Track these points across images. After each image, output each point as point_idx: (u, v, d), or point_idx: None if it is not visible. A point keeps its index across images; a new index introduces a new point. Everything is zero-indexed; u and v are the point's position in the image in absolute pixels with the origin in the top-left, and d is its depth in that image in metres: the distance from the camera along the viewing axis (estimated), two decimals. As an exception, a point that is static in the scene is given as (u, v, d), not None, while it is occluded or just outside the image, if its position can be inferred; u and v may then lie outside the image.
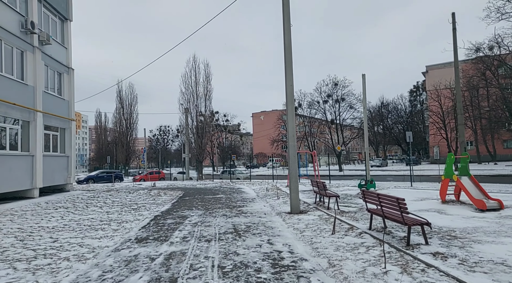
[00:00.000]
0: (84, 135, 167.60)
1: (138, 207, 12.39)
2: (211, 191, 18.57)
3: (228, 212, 10.56)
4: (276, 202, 12.86)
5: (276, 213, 10.34)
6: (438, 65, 56.05)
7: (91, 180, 35.39)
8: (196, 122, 36.64)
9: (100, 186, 27.87)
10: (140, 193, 18.03)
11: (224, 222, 8.85)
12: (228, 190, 19.23)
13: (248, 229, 7.85)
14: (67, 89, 18.95)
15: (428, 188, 16.74)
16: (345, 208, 11.01)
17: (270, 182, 23.96)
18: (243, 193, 17.12)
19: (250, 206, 12.06)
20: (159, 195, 17.14)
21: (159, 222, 9.20)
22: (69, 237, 7.41)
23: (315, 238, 6.74)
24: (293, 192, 10.33)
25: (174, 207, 12.23)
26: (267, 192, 16.97)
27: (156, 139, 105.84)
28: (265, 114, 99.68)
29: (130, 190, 20.10)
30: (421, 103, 77.48)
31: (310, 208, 11.00)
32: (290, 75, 10.54)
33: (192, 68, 36.46)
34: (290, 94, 10.53)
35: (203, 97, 36.52)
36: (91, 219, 9.82)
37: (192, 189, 20.88)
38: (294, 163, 10.42)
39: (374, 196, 7.01)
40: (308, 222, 8.51)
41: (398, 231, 7.09)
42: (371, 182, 15.80)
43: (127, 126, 61.56)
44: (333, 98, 47.18)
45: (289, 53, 10.53)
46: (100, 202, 13.84)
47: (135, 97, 61.53)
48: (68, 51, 19.21)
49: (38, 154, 15.59)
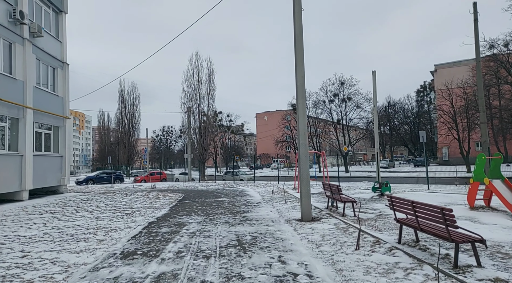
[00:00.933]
0: (88, 135, 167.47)
1: (132, 212, 11.27)
2: (213, 194, 17.43)
3: (231, 219, 9.41)
4: (283, 207, 11.69)
5: (285, 220, 9.16)
6: (447, 64, 54.72)
7: (91, 181, 34.42)
8: (199, 121, 35.58)
9: (99, 187, 26.84)
10: (138, 196, 16.94)
11: (226, 231, 7.70)
12: (231, 192, 18.09)
13: (254, 241, 6.69)
14: (61, 85, 17.91)
15: (447, 191, 15.50)
16: (361, 214, 9.83)
17: (275, 184, 22.79)
18: (247, 196, 15.96)
19: (255, 211, 10.90)
20: (157, 197, 16.03)
21: (152, 231, 8.07)
22: (43, 251, 6.30)
23: (336, 255, 5.56)
24: (304, 197, 9.16)
25: (171, 212, 11.10)
26: (273, 195, 15.80)
27: (159, 140, 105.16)
28: (269, 115, 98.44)
29: (128, 192, 19.02)
30: (428, 103, 76.01)
31: (322, 214, 9.82)
32: (301, 65, 9.38)
33: (195, 66, 35.44)
34: (301, 86, 9.37)
35: (206, 96, 35.46)
36: (77, 227, 8.71)
37: (193, 191, 19.76)
38: (305, 164, 9.26)
39: (407, 204, 5.83)
40: (323, 232, 7.33)
41: (433, 245, 5.90)
42: (386, 185, 14.58)
43: (129, 126, 60.75)
44: (339, 97, 45.96)
45: (300, 40, 9.38)
46: (92, 206, 12.75)
47: (137, 97, 60.71)
48: (63, 45, 18.17)
49: (28, 154, 14.54)
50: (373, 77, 24.45)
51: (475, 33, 15.42)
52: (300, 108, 9.36)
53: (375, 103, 24.92)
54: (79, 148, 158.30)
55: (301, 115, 9.35)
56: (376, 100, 24.83)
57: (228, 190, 19.92)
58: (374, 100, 24.75)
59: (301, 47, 9.39)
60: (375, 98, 24.58)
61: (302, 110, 9.36)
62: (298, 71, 9.38)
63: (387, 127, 72.64)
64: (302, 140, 9.30)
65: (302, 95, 9.38)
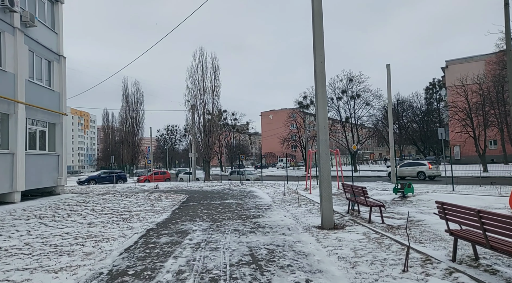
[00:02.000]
0: (93, 135, 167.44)
1: (130, 217, 10.13)
2: (219, 195, 16.26)
3: (241, 226, 8.21)
4: (298, 211, 10.47)
5: (303, 228, 7.95)
6: (459, 60, 53.12)
7: (93, 181, 33.50)
8: (203, 119, 34.45)
9: (100, 187, 25.83)
10: (139, 197, 15.82)
11: (236, 242, 6.51)
12: (239, 193, 16.90)
13: (272, 256, 5.49)
14: (57, 79, 16.85)
15: (475, 192, 14.16)
16: (388, 220, 8.60)
17: (284, 184, 21.57)
18: (256, 197, 14.76)
19: (267, 216, 9.70)
20: (159, 199, 14.90)
21: (150, 241, 6.90)
22: (15, 269, 5.16)
23: (381, 280, 4.33)
24: (325, 201, 7.93)
25: (173, 217, 9.94)
26: (284, 197, 14.58)
27: (163, 139, 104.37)
28: (274, 113, 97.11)
29: (129, 193, 17.92)
30: (437, 101, 74.25)
31: (345, 220, 8.59)
32: (321, 49, 8.15)
33: (199, 62, 34.27)
34: (320, 73, 8.14)
35: (210, 93, 34.30)
36: (64, 235, 7.58)
37: (198, 192, 18.60)
38: (326, 163, 8.03)
39: (469, 212, 4.57)
40: (354, 245, 6.11)
41: (501, 266, 4.67)
42: (408, 186, 13.29)
43: (133, 124, 59.97)
44: (347, 94, 44.52)
45: (319, 20, 8.14)
46: (87, 209, 11.63)
47: (141, 95, 59.90)
48: (59, 37, 17.10)
49: (20, 152, 13.48)
50: (387, 70, 23.15)
51: (505, 19, 14.06)
52: (320, 99, 8.12)
53: (390, 98, 23.64)
54: (84, 147, 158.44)
55: (321, 106, 8.12)
56: (391, 95, 23.54)
57: (234, 190, 18.74)
58: (389, 95, 23.46)
59: (320, 28, 8.16)
60: (390, 92, 23.29)
61: (322, 100, 8.13)
62: (317, 55, 8.15)
63: (396, 125, 70.94)
64: (322, 135, 8.07)
65: (322, 83, 8.15)
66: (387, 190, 16.42)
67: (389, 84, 22.77)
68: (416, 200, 12.27)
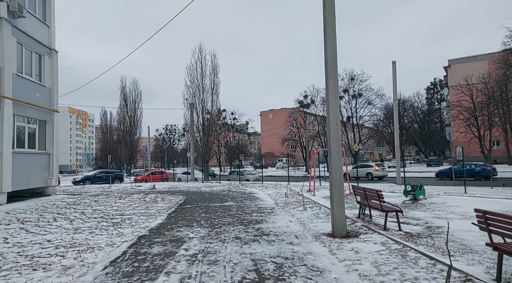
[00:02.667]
0: (91, 134, 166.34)
1: (121, 221, 9.31)
2: (218, 197, 15.44)
3: (243, 233, 7.40)
4: (304, 216, 9.67)
5: (312, 235, 7.14)
6: (462, 59, 52.34)
7: (88, 180, 32.65)
8: (202, 118, 33.62)
9: (95, 187, 25.02)
10: (134, 198, 15.00)
11: (238, 253, 5.70)
12: (239, 195, 16.09)
13: (281, 273, 4.69)
14: (48, 74, 16.00)
15: (490, 194, 13.36)
16: (404, 226, 7.80)
17: (286, 186, 20.77)
18: (257, 200, 13.95)
19: (271, 221, 8.89)
20: (155, 201, 14.08)
21: (140, 251, 6.09)
22: (-24, 288, 4.35)
23: (419, 307, 3.53)
24: (337, 205, 7.13)
25: (169, 222, 9.12)
26: (287, 199, 13.77)
27: (162, 139, 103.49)
28: (274, 113, 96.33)
29: (124, 194, 17.10)
30: (438, 101, 73.60)
31: (357, 227, 7.78)
32: (332, 36, 7.35)
33: (198, 59, 33.40)
34: (332, 64, 7.34)
35: (209, 91, 33.44)
36: (45, 243, 6.76)
37: (196, 193, 17.77)
38: (338, 163, 7.23)
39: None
40: (374, 258, 5.30)
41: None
42: (420, 188, 12.50)
43: (131, 123, 59.14)
44: (349, 93, 43.81)
45: (331, 4, 7.34)
46: (76, 212, 10.81)
47: (139, 94, 59.12)
48: (51, 29, 16.26)
49: (6, 151, 12.63)
50: (393, 68, 22.38)
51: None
52: (332, 92, 7.32)
53: (395, 96, 22.85)
54: (82, 147, 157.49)
55: (332, 100, 7.32)
56: (396, 93, 22.76)
57: (234, 192, 17.92)
58: (394, 93, 22.67)
59: (332, 14, 7.36)
60: (395, 90, 22.50)
61: (334, 94, 7.33)
62: (328, 44, 7.34)
63: (397, 125, 70.22)
64: (333, 133, 7.27)
65: (333, 74, 7.35)
66: (395, 192, 15.63)
67: (395, 82, 22.00)
68: (429, 204, 11.49)
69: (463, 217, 9.03)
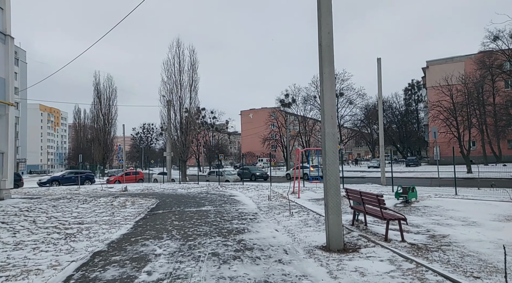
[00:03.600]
0: (64, 133, 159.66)
1: (78, 231, 7.87)
2: (194, 200, 14.11)
3: (222, 247, 6.19)
4: (291, 223, 8.56)
5: (304, 249, 6.03)
6: (439, 60, 53.26)
7: (56, 182, 30.42)
8: (180, 116, 32.06)
9: (62, 189, 23.07)
10: (100, 202, 13.45)
11: (215, 279, 4.49)
12: (218, 198, 14.82)
13: (271, 309, 3.52)
14: (2, 63, 14.18)
15: (482, 196, 12.71)
16: (407, 236, 6.82)
17: (267, 187, 19.68)
18: (238, 203, 12.74)
19: (254, 230, 7.72)
20: (123, 205, 12.60)
21: (89, 275, 4.77)
22: None
23: None
24: (333, 213, 6.06)
25: (134, 232, 7.78)
26: (270, 202, 12.64)
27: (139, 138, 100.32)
28: (254, 112, 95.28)
29: (91, 197, 15.47)
30: (416, 102, 74.92)
31: (354, 238, 6.72)
32: (328, 16, 6.27)
33: (176, 54, 31.85)
34: (327, 47, 6.26)
35: (188, 88, 31.95)
36: (-32, 266, 5.31)
37: (171, 196, 16.35)
38: (334, 164, 6.15)
39: None
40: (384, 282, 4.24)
41: None
42: (412, 190, 11.69)
43: (105, 122, 56.48)
44: (331, 92, 43.34)
45: (328, -22, 6.26)
46: (26, 221, 9.24)
47: (114, 91, 56.58)
48: (5, 13, 14.43)
49: None
50: (378, 65, 21.73)
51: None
52: (327, 80, 6.24)
53: (380, 94, 22.23)
54: (54, 146, 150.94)
55: (327, 89, 6.24)
56: (381, 91, 22.14)
57: (213, 194, 16.63)
58: (379, 90, 22.02)
59: (327, -11, 6.28)
60: (380, 88, 21.86)
61: (329, 82, 6.25)
62: (323, 25, 6.26)
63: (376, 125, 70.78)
64: (328, 128, 6.19)
65: (329, 59, 6.27)
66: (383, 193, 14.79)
67: (380, 79, 21.37)
68: (423, 207, 10.67)
69: (465, 223, 8.19)
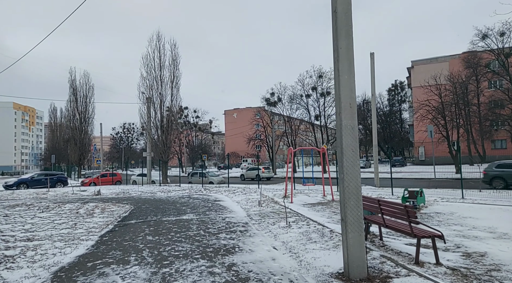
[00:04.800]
0: (39, 132, 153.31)
1: (20, 253, 6.15)
2: (174, 206, 12.45)
3: (207, 276, 4.64)
4: (291, 236, 7.08)
5: (316, 280, 4.56)
6: (424, 60, 53.33)
7: (24, 184, 27.98)
8: (160, 114, 30.14)
9: (29, 193, 20.86)
10: (64, 210, 11.62)
11: None
12: (201, 203, 13.20)
13: None
14: None
15: (494, 201, 11.57)
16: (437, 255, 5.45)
17: (254, 189, 18.20)
18: (224, 210, 11.18)
19: (247, 247, 6.21)
20: (91, 214, 10.83)
21: None
22: None
23: None
24: (353, 230, 4.61)
25: (94, 253, 6.12)
26: (261, 209, 11.14)
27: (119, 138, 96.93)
28: (239, 112, 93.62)
29: (56, 203, 13.55)
30: (399, 102, 75.30)
31: (377, 260, 5.27)
32: (346, -26, 4.83)
33: (156, 48, 29.88)
34: (344, 14, 4.82)
35: (169, 84, 30.07)
36: None
37: (148, 201, 14.59)
38: (354, 166, 4.72)
39: None
40: None
41: None
42: (420, 194, 10.46)
43: (81, 120, 53.70)
44: (317, 91, 42.20)
45: None
46: (-41, 237, 7.40)
47: (91, 88, 54.02)
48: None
49: None
50: (371, 60, 20.57)
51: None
52: (344, 57, 4.80)
53: (374, 90, 21.05)
54: (29, 146, 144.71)
55: (345, 69, 4.80)
56: (374, 88, 20.96)
57: (196, 199, 14.98)
58: (372, 86, 20.82)
59: None
60: (374, 84, 20.65)
61: (347, 59, 4.81)
62: (340, -14, 4.82)
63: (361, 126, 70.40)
64: (345, 120, 4.75)
65: (346, 31, 4.83)
66: (384, 197, 13.58)
67: (373, 75, 20.22)
68: (435, 214, 9.44)
69: (495, 235, 6.96)
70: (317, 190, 16.81)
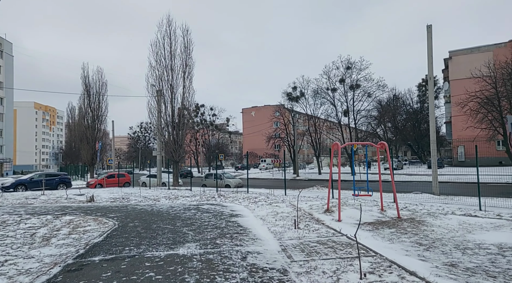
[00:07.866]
0: (60, 132, 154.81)
1: None
2: (173, 225, 8.80)
3: None
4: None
5: None
6: (464, 50, 47.91)
7: (22, 186, 25.33)
8: (171, 108, 26.76)
9: (17, 197, 18.00)
10: (19, 228, 8.24)
11: None
12: (212, 221, 9.49)
13: None
14: None
15: None
16: None
17: (280, 195, 14.44)
18: (245, 236, 7.44)
19: None
20: (48, 239, 7.36)
21: None
22: None
23: None
24: None
25: None
26: (300, 233, 7.34)
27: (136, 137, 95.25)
28: (257, 110, 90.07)
29: (27, 214, 10.24)
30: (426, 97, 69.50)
31: None
32: None
33: (166, 33, 26.53)
34: None
35: (180, 74, 26.66)
36: None
37: (142, 214, 10.99)
38: None
39: None
40: None
41: None
42: None
43: (94, 118, 51.32)
44: (345, 84, 37.82)
45: None
46: None
47: (104, 84, 51.38)
48: None
49: None
50: (428, 33, 16.33)
51: None
52: None
53: (431, 73, 16.75)
54: (50, 145, 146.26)
55: None
56: (432, 68, 16.60)
57: (205, 212, 11.29)
58: (429, 68, 16.57)
59: None
60: (431, 64, 16.37)
61: None
62: None
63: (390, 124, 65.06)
64: None
65: None
66: (460, 211, 9.49)
67: (430, 53, 15.95)
68: None
69: None
70: (365, 199, 12.88)
